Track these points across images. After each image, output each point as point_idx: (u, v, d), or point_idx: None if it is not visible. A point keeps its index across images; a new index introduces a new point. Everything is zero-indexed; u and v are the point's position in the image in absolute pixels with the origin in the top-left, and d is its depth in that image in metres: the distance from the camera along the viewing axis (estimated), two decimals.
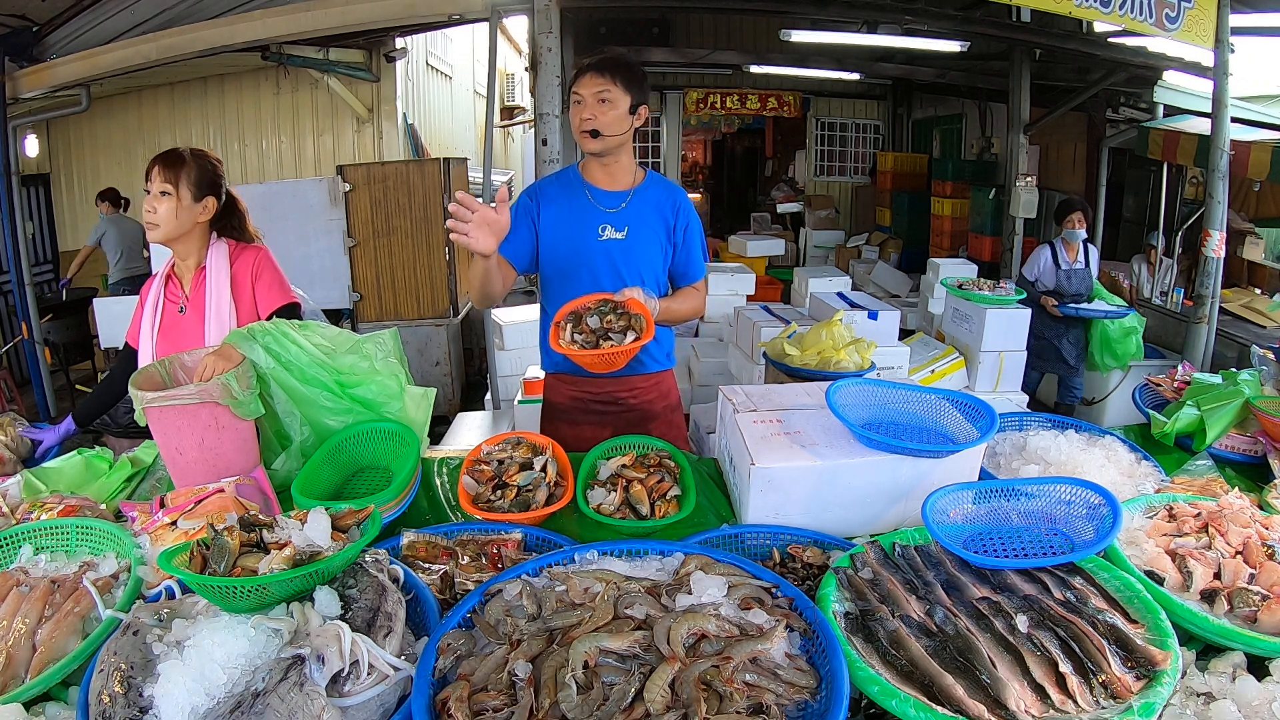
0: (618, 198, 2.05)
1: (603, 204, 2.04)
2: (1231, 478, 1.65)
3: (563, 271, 2.02)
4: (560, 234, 2.02)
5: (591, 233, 2.01)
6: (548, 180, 2.10)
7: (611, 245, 2.02)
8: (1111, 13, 3.86)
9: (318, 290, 5.21)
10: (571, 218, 2.02)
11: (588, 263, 2.01)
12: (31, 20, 5.02)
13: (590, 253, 2.01)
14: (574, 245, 2.01)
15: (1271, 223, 5.60)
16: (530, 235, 2.02)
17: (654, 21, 8.01)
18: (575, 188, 2.05)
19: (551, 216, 2.02)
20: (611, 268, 2.02)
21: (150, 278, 2.05)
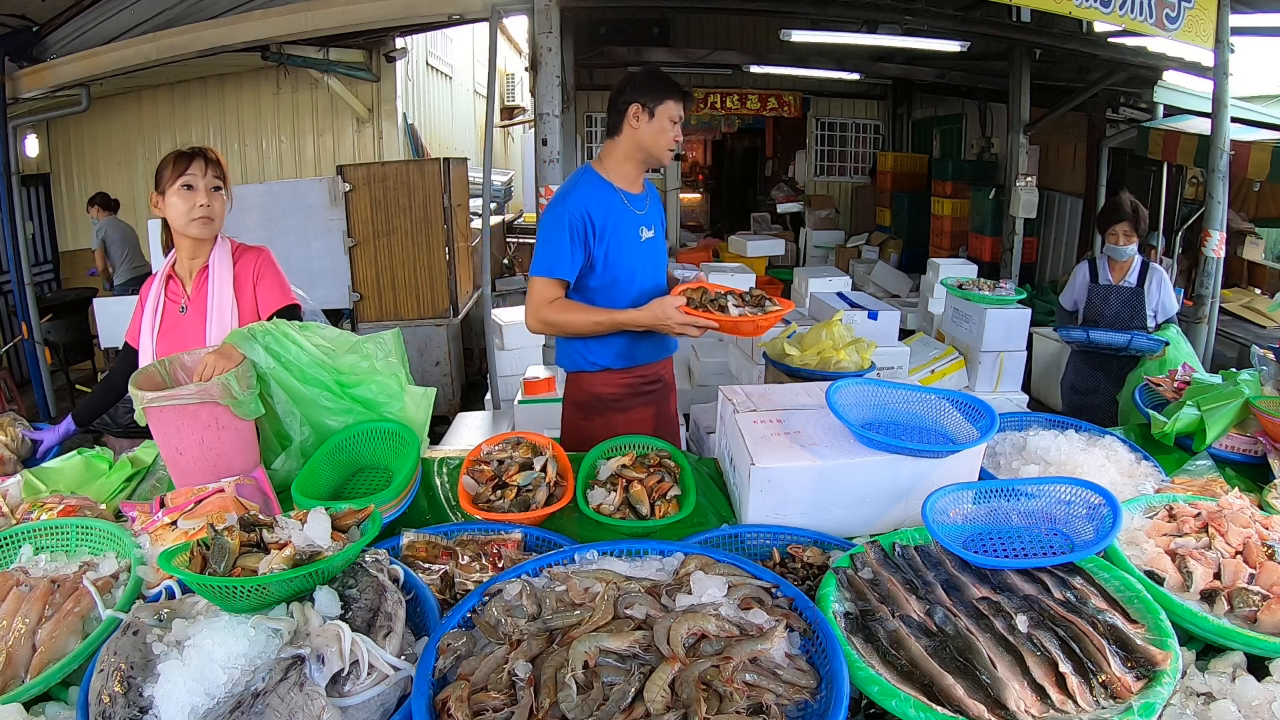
0: (642, 200, 2.17)
1: (636, 207, 2.14)
2: (1231, 478, 1.65)
3: (613, 279, 2.09)
4: (613, 245, 2.08)
5: (635, 236, 2.12)
6: (585, 193, 2.08)
7: (649, 245, 2.16)
8: (1111, 13, 3.86)
9: (318, 290, 5.21)
10: (620, 226, 2.09)
11: (638, 264, 2.12)
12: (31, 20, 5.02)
13: (636, 255, 2.11)
14: (624, 253, 2.09)
15: (1271, 223, 5.60)
16: (584, 255, 2.05)
17: (654, 21, 8.01)
18: (611, 195, 2.10)
19: (603, 229, 2.06)
20: (650, 265, 2.16)
21: (150, 277, 2.05)
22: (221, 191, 1.90)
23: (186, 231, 1.87)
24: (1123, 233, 3.21)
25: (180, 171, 1.83)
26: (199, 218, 1.85)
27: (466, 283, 6.09)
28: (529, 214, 9.52)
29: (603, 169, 2.12)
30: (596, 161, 2.14)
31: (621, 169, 2.11)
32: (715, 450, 1.79)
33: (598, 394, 2.20)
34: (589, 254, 2.05)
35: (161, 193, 1.86)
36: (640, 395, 2.21)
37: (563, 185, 2.17)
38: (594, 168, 2.14)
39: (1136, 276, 3.30)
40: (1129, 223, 3.20)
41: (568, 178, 2.20)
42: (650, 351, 2.19)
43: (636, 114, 2.04)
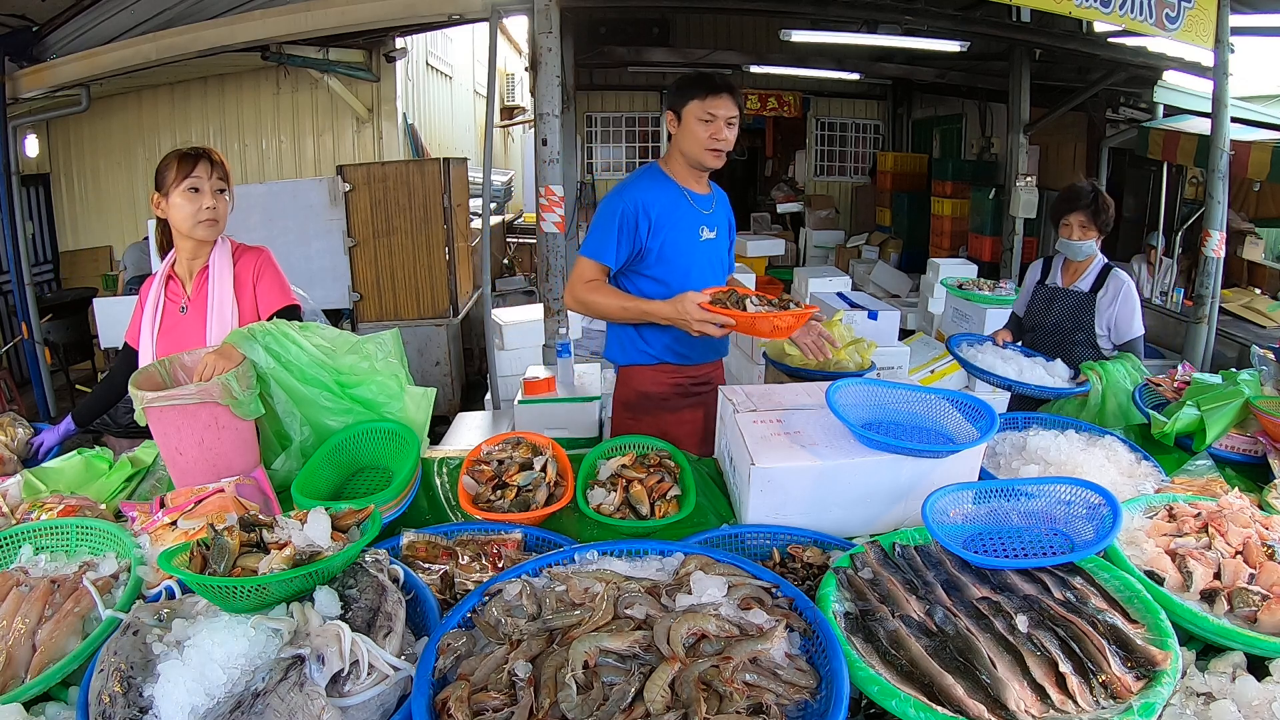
0: (707, 201, 2.20)
1: (700, 207, 2.16)
2: (1231, 478, 1.65)
3: (669, 273, 2.10)
4: (671, 239, 2.09)
5: (694, 235, 2.14)
6: (646, 186, 2.11)
7: (709, 245, 2.18)
8: (1111, 13, 3.86)
9: (318, 290, 5.21)
10: (680, 223, 2.10)
11: (693, 264, 2.13)
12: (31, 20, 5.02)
13: (694, 254, 2.13)
14: (681, 249, 2.11)
15: (1271, 223, 5.60)
16: (632, 245, 2.07)
17: (654, 21, 8.01)
18: (674, 192, 2.13)
19: (660, 223, 2.08)
20: (709, 267, 2.18)
21: (150, 277, 2.05)
22: (225, 193, 1.90)
23: (192, 234, 1.87)
24: (1078, 224, 2.60)
25: (185, 173, 1.83)
26: (205, 220, 1.85)
27: (466, 283, 6.09)
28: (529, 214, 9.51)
29: (667, 167, 2.16)
30: (662, 159, 2.19)
31: (679, 169, 2.15)
32: (715, 450, 1.79)
33: (645, 392, 2.21)
34: (640, 245, 2.07)
35: (164, 194, 1.86)
36: (689, 396, 2.22)
37: (630, 175, 2.20)
38: (659, 165, 2.18)
39: (1092, 281, 2.68)
40: (1086, 213, 2.59)
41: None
42: (702, 350, 2.19)
43: (671, 120, 2.09)
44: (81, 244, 7.29)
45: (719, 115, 2.03)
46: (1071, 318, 2.70)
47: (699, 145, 2.05)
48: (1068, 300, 2.71)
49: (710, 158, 2.08)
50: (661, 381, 2.20)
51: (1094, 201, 2.57)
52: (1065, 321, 2.71)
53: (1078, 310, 2.69)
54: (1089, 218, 2.59)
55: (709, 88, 2.03)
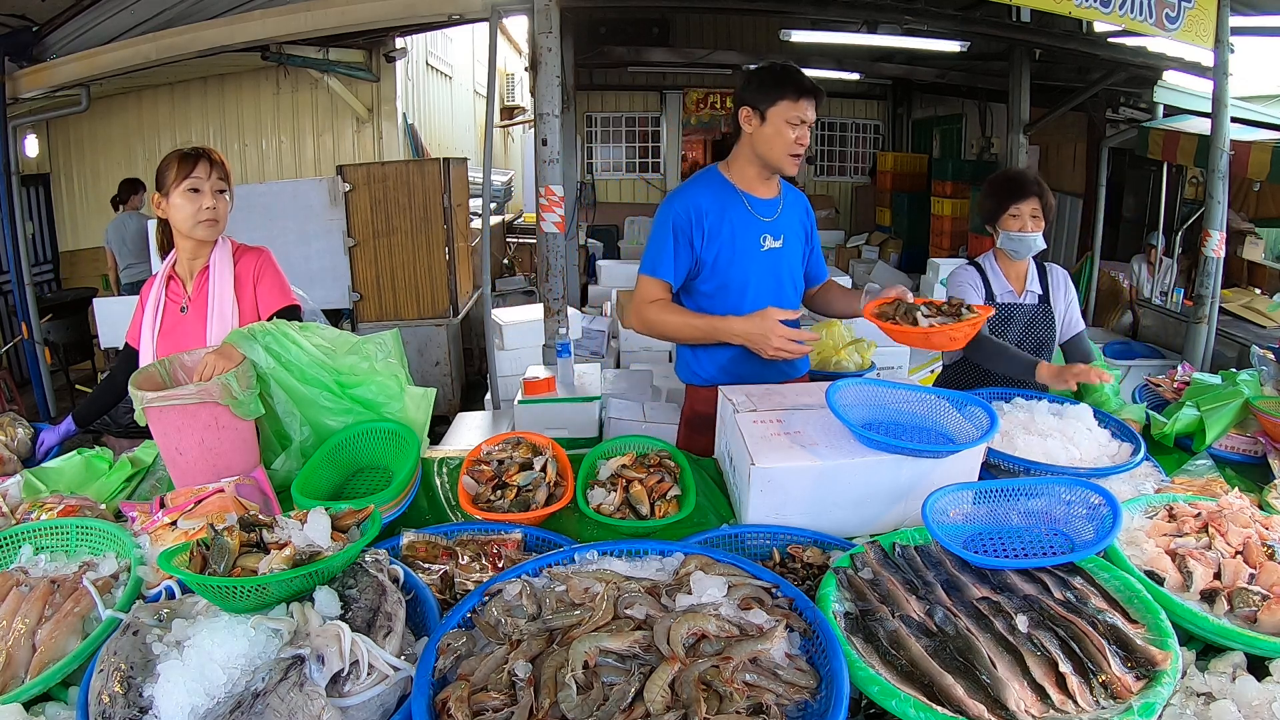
0: (773, 206, 2.02)
1: (762, 213, 1.99)
2: (1231, 478, 1.65)
3: (723, 285, 1.98)
4: (724, 249, 1.96)
5: (754, 244, 1.97)
6: (698, 191, 1.98)
7: (771, 255, 2.00)
8: (1111, 13, 3.86)
9: (318, 290, 5.21)
10: (735, 231, 1.96)
11: (752, 275, 1.98)
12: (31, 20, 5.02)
13: (752, 265, 1.98)
14: (738, 258, 1.97)
15: (1271, 223, 5.60)
16: (691, 257, 1.95)
17: (654, 21, 8.01)
18: (731, 197, 1.98)
19: (715, 232, 1.95)
20: (772, 277, 2.01)
21: (150, 278, 2.05)
22: (226, 194, 1.90)
23: (193, 234, 1.87)
24: (1030, 214, 2.22)
25: (185, 174, 1.83)
26: (205, 220, 1.86)
27: (466, 283, 6.09)
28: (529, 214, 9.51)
29: (727, 170, 2.01)
30: (724, 162, 2.03)
31: (744, 172, 1.99)
32: (715, 450, 1.79)
33: (702, 412, 2.07)
34: (696, 256, 1.94)
35: (165, 194, 1.86)
36: None
37: (685, 180, 2.07)
38: (719, 168, 2.03)
39: (1038, 283, 2.35)
40: (1037, 200, 2.22)
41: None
42: (759, 371, 1.97)
43: (748, 117, 1.91)
44: (81, 244, 7.29)
45: (807, 120, 1.89)
46: (1032, 334, 2.30)
47: (783, 149, 1.89)
48: (1028, 316, 2.31)
49: (791, 164, 1.93)
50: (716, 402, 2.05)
51: (1040, 185, 2.26)
52: (1027, 343, 2.30)
53: (1039, 324, 2.31)
54: (1039, 205, 2.24)
55: (803, 89, 1.86)
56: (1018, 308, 2.32)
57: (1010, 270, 2.35)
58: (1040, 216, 2.24)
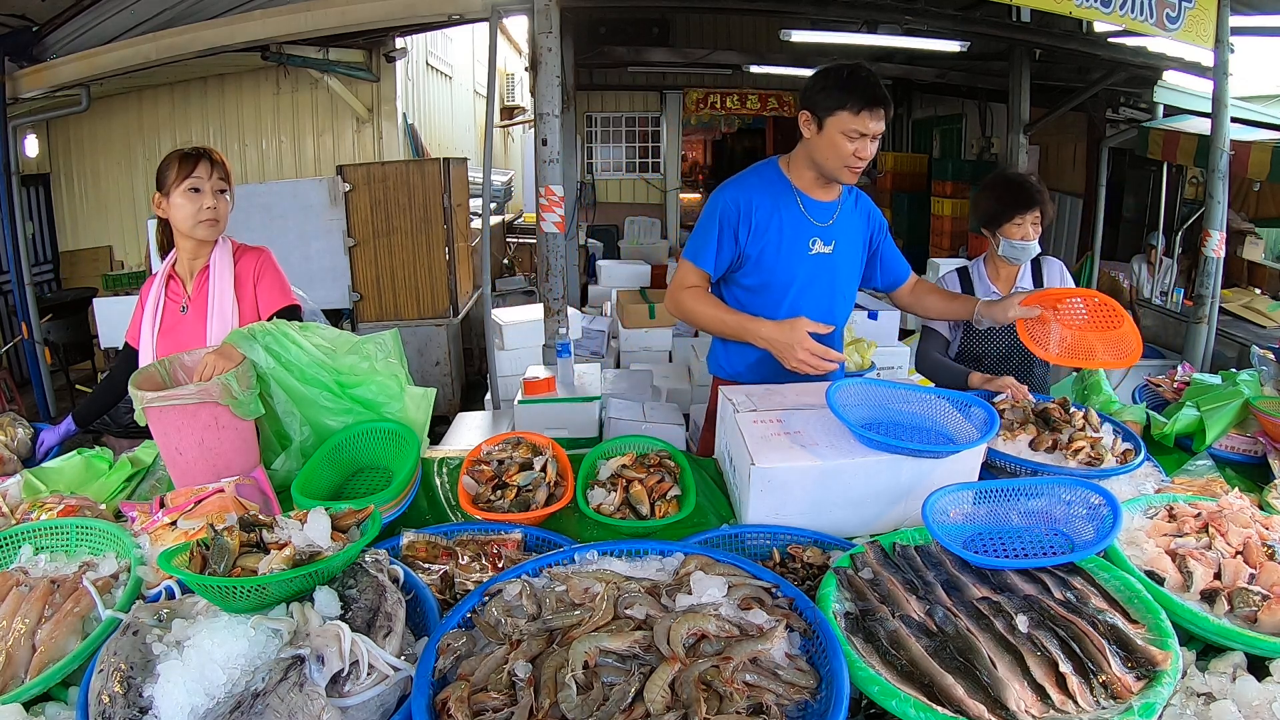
0: (828, 210, 1.94)
1: (815, 216, 1.92)
2: (1231, 478, 1.65)
3: (765, 284, 1.93)
4: (770, 246, 1.90)
5: (802, 246, 1.91)
6: (752, 184, 1.93)
7: (819, 260, 1.94)
8: (1112, 13, 3.86)
9: (318, 290, 5.21)
10: (783, 230, 1.90)
11: (796, 277, 1.92)
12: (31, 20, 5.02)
13: (798, 267, 1.92)
14: (782, 259, 1.91)
15: (1271, 223, 5.59)
16: (733, 248, 1.91)
17: (654, 21, 8.01)
18: (785, 196, 1.91)
19: (763, 227, 1.89)
20: (817, 283, 1.95)
21: (150, 278, 2.05)
22: (226, 193, 1.91)
23: (193, 234, 1.87)
24: (1031, 223, 2.21)
25: (186, 173, 1.83)
26: (205, 220, 1.86)
27: (466, 283, 6.09)
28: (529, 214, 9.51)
29: (786, 165, 1.95)
30: (785, 157, 1.96)
31: (802, 173, 1.92)
32: (715, 450, 1.79)
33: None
34: (740, 250, 1.90)
35: (165, 194, 1.86)
36: None
37: (743, 171, 2.00)
38: (779, 161, 1.96)
39: (1030, 282, 2.33)
40: (1040, 210, 2.22)
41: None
42: (786, 376, 1.87)
43: (806, 121, 1.83)
44: (81, 244, 7.29)
45: (869, 133, 1.78)
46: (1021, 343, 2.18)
47: (838, 161, 1.81)
48: None
49: (848, 175, 1.84)
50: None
51: (1043, 194, 2.23)
52: (1014, 349, 2.26)
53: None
54: (1040, 214, 2.23)
55: (865, 101, 1.74)
56: None
57: (1000, 274, 2.33)
58: (1039, 224, 2.24)
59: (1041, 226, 2.23)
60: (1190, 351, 4.45)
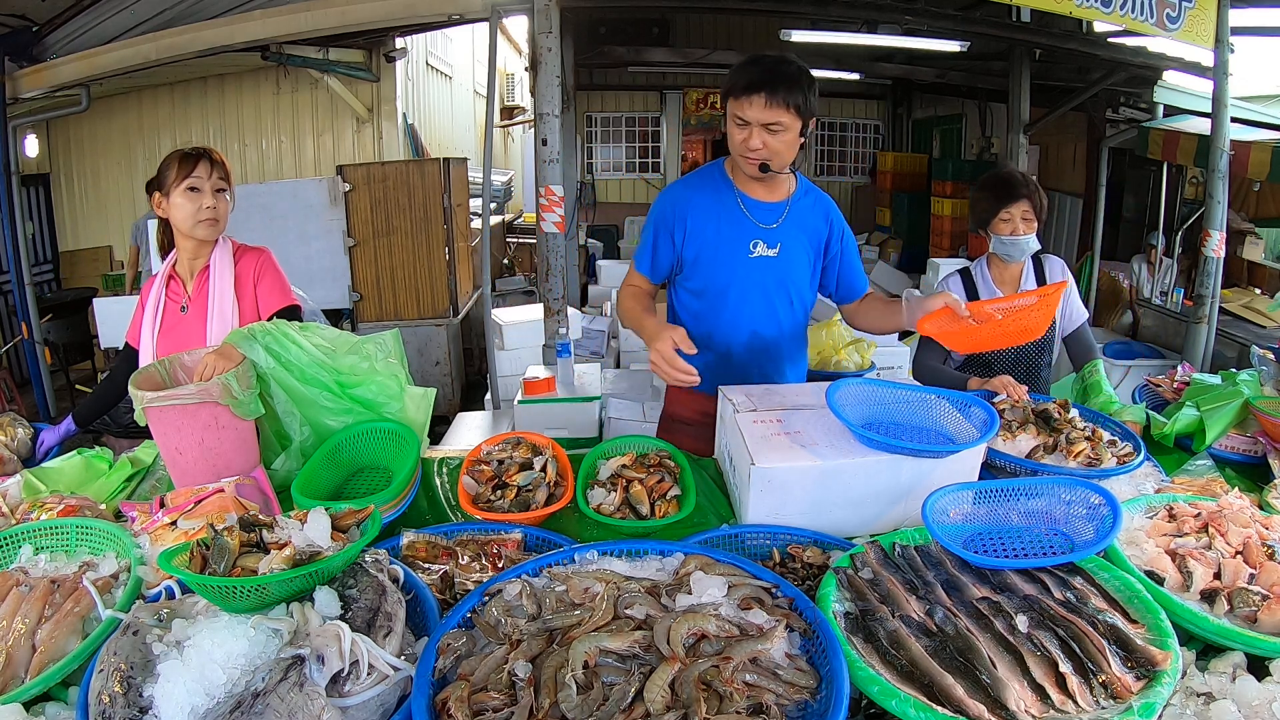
0: (774, 211, 1.86)
1: (758, 218, 1.85)
2: (1231, 478, 1.65)
3: (705, 287, 1.89)
4: (707, 249, 1.85)
5: (742, 249, 1.85)
6: (693, 186, 1.89)
7: (762, 263, 1.86)
8: (1112, 13, 3.86)
9: (318, 290, 5.21)
10: (722, 233, 1.84)
11: (736, 281, 1.87)
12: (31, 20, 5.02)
13: (739, 271, 1.86)
14: (722, 262, 1.86)
15: (1271, 223, 5.60)
16: (671, 252, 1.88)
17: (654, 21, 8.02)
18: (726, 196, 1.85)
19: (699, 230, 1.84)
20: (760, 287, 1.89)
21: (151, 278, 2.05)
22: (225, 193, 1.91)
23: (193, 234, 1.87)
24: (1021, 216, 2.13)
25: (185, 173, 1.84)
26: (205, 220, 1.86)
27: (466, 283, 6.09)
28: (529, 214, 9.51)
29: (731, 166, 1.88)
30: (730, 158, 1.88)
31: (740, 171, 1.85)
32: (715, 450, 1.79)
33: (671, 413, 2.05)
34: (678, 254, 1.87)
35: (166, 193, 1.86)
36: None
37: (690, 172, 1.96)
38: (724, 163, 1.90)
39: (1035, 283, 2.27)
40: (1028, 201, 2.13)
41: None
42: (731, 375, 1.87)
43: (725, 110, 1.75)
44: (81, 244, 7.29)
45: (750, 120, 1.68)
46: (1036, 342, 2.16)
47: (736, 149, 1.74)
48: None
49: (746, 165, 1.75)
50: (689, 405, 1.95)
51: (1030, 186, 2.17)
52: (1028, 347, 2.21)
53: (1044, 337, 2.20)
54: (1031, 207, 2.15)
55: (740, 85, 1.66)
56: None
57: (1003, 274, 2.28)
58: (1032, 218, 2.16)
59: (1037, 221, 2.17)
60: (1190, 351, 4.45)
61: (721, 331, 1.92)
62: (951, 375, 2.13)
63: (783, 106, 1.66)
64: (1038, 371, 2.29)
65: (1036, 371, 2.28)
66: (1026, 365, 2.27)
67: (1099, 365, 2.09)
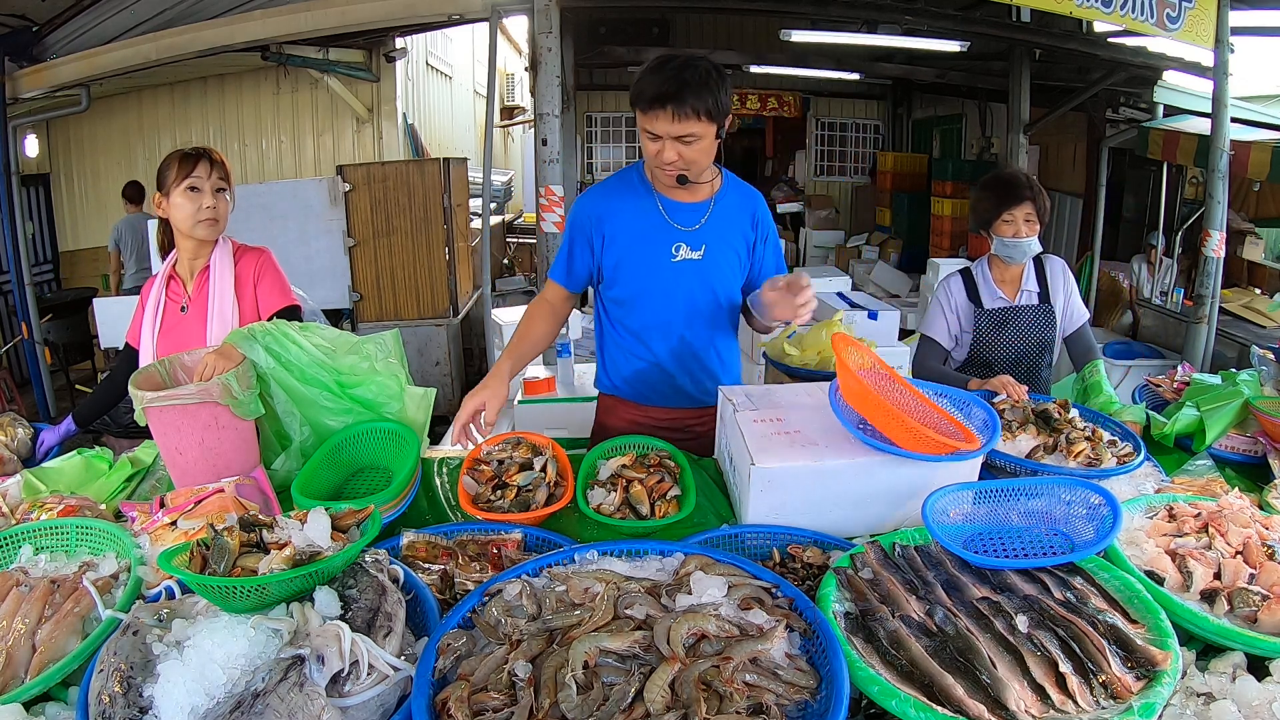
0: (695, 213, 1.80)
1: (678, 220, 1.79)
2: (1231, 478, 1.65)
3: (627, 295, 1.84)
4: (628, 255, 1.79)
5: (664, 253, 1.79)
6: (611, 191, 1.83)
7: (686, 267, 1.80)
8: (1112, 13, 3.86)
9: (318, 290, 5.21)
10: (642, 237, 1.78)
11: (659, 286, 1.81)
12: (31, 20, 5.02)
13: (662, 276, 1.80)
14: (644, 268, 1.80)
15: (1271, 223, 5.60)
16: (589, 260, 1.84)
17: (654, 21, 8.02)
18: (645, 200, 1.80)
19: (618, 235, 1.79)
20: (685, 291, 1.82)
21: (151, 278, 2.05)
22: (225, 193, 1.91)
23: (193, 233, 1.88)
24: (1024, 218, 2.12)
25: (185, 173, 1.84)
26: (205, 220, 1.86)
27: (466, 283, 6.09)
28: (529, 214, 9.51)
29: (650, 169, 1.81)
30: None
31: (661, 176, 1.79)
32: (715, 450, 1.79)
33: (603, 423, 2.02)
34: (597, 260, 1.83)
35: (165, 193, 1.87)
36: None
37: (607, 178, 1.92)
38: (642, 166, 1.84)
39: (1036, 283, 2.24)
40: (1031, 204, 2.12)
41: None
42: (668, 394, 1.83)
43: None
44: (81, 244, 7.30)
45: (659, 133, 1.61)
46: (1037, 342, 2.19)
47: (649, 163, 1.69)
48: (1027, 320, 2.22)
49: (663, 177, 1.70)
50: (622, 416, 1.90)
51: (1034, 188, 2.15)
52: (1029, 348, 2.22)
53: (1043, 329, 2.22)
54: (1034, 209, 2.14)
55: (646, 97, 1.58)
56: (1012, 312, 2.24)
57: (1004, 274, 2.27)
58: (1035, 220, 2.15)
59: (1039, 223, 2.16)
60: (1190, 351, 4.45)
61: (648, 339, 1.87)
62: (951, 376, 2.13)
63: (693, 117, 1.58)
64: (1038, 372, 2.29)
65: (1037, 372, 2.29)
66: (1027, 366, 2.27)
67: (1099, 365, 2.08)
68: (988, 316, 2.24)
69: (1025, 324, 2.24)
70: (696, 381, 1.90)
